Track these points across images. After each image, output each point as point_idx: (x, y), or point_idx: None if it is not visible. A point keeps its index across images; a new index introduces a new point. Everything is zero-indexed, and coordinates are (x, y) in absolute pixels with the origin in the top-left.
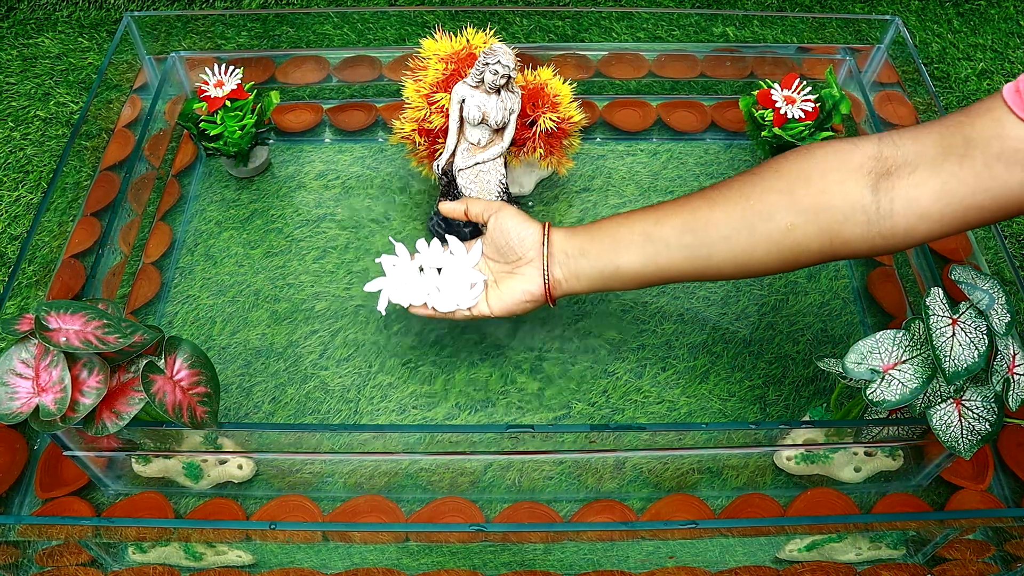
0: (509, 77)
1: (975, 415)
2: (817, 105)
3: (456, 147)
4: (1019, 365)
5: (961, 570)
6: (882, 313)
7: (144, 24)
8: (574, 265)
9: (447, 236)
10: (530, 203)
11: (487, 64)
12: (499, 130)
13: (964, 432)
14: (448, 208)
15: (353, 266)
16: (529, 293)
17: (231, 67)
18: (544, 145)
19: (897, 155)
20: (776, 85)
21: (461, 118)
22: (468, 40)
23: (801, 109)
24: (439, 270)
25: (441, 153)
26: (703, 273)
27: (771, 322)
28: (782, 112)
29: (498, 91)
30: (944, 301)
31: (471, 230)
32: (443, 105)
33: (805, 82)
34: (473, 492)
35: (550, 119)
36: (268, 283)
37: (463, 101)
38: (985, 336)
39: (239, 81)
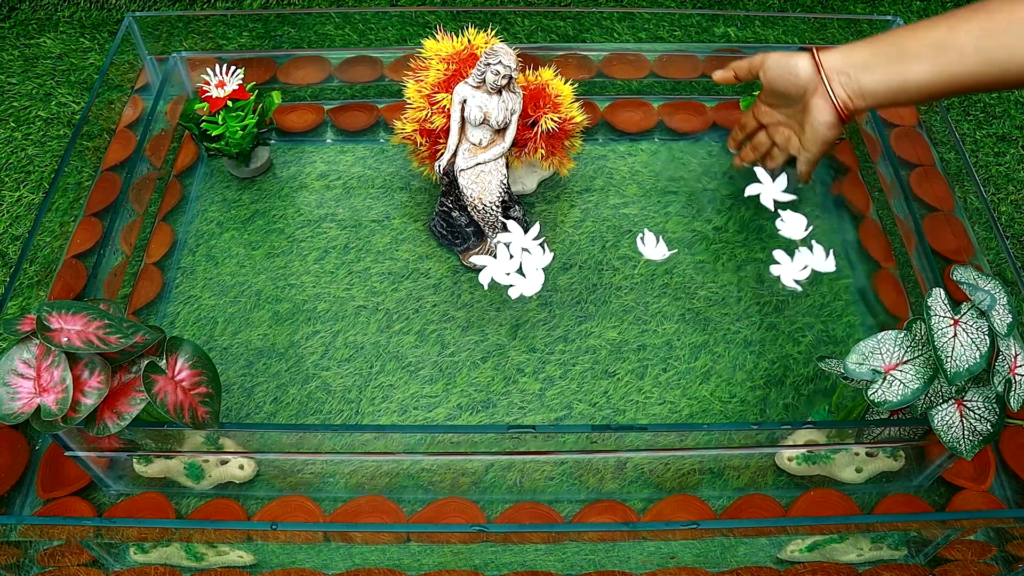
0: (510, 77)
1: (976, 416)
2: None
3: (457, 147)
4: (1020, 366)
5: (962, 571)
6: (884, 314)
7: (145, 24)
8: (855, 84)
9: (645, 230)
10: (532, 201)
11: (488, 64)
12: (500, 131)
13: (965, 433)
14: (719, 76)
15: (354, 266)
16: (827, 124)
17: (232, 67)
18: (545, 146)
19: None
20: None
21: (462, 118)
22: (469, 40)
23: None
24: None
25: (442, 153)
26: (1002, 79)
27: (773, 322)
28: None
29: (499, 91)
30: (946, 301)
31: (473, 230)
32: (444, 105)
33: None
34: (474, 493)
35: (551, 120)
36: (269, 283)
37: (464, 101)
38: (987, 337)
39: (240, 81)
